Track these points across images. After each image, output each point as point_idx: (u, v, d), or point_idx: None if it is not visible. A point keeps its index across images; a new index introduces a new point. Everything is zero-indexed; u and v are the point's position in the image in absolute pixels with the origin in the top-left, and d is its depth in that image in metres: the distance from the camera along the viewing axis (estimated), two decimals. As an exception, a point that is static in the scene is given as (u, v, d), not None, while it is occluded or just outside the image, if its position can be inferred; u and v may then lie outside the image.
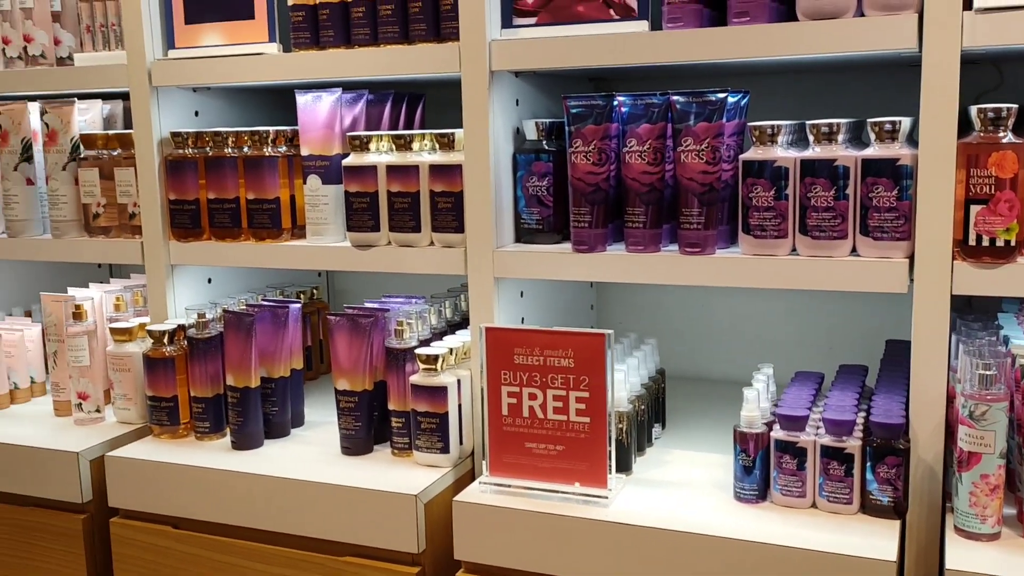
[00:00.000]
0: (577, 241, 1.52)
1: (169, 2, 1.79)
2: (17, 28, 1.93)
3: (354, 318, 1.65)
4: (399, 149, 1.64)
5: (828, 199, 1.35)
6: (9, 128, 1.93)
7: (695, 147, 1.42)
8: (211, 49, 1.77)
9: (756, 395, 1.40)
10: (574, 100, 1.51)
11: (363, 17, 1.65)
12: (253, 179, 1.74)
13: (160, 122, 1.81)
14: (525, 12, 1.56)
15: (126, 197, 1.85)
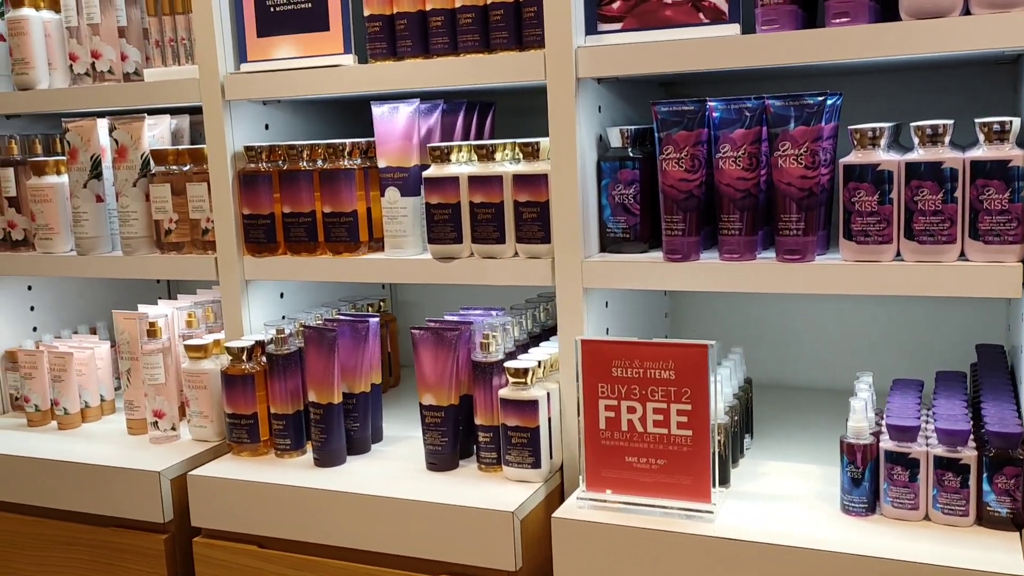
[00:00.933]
0: (670, 250, 1.49)
1: (241, 16, 1.78)
2: (84, 44, 1.92)
3: (439, 332, 1.63)
4: (481, 159, 1.62)
5: (936, 203, 1.31)
6: (78, 145, 1.92)
7: (793, 151, 1.39)
8: (284, 62, 1.75)
9: (863, 405, 1.36)
10: (664, 106, 1.48)
11: (442, 26, 1.63)
12: (329, 192, 1.72)
13: (233, 136, 1.80)
14: (610, 18, 1.53)
15: (199, 213, 1.84)
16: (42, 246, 1.99)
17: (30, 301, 2.18)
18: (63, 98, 1.93)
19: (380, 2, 1.67)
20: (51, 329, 2.20)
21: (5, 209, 2.04)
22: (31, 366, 1.98)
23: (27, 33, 1.93)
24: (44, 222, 1.97)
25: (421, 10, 1.65)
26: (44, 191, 1.96)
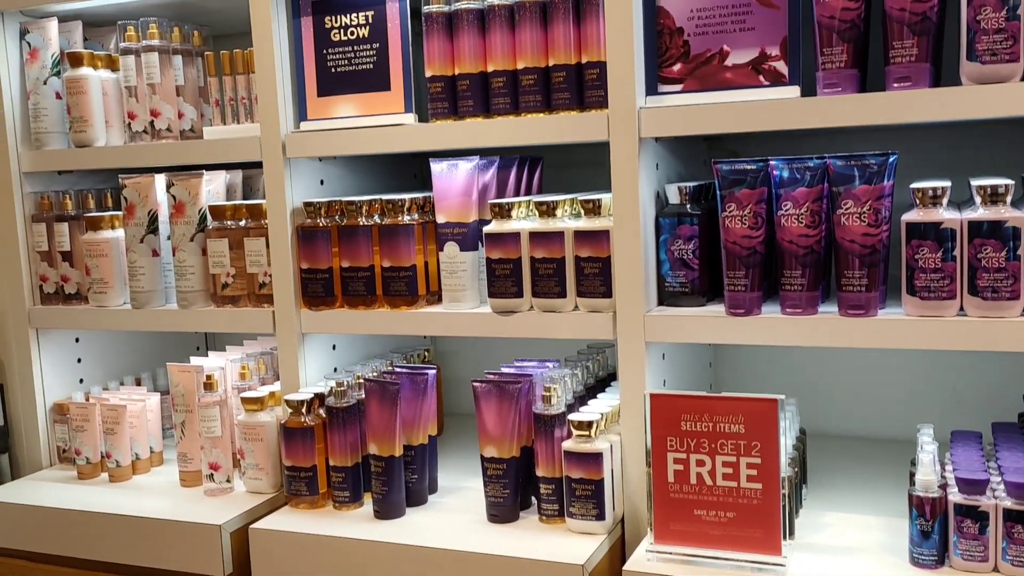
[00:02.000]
0: (733, 304, 1.53)
1: (302, 76, 1.83)
2: (143, 103, 1.96)
3: (502, 385, 1.65)
4: (542, 215, 1.66)
5: (1000, 260, 1.35)
6: (136, 201, 1.95)
7: (856, 210, 1.43)
8: (344, 120, 1.79)
9: (931, 458, 1.39)
10: (726, 165, 1.52)
11: (503, 87, 1.68)
12: (389, 247, 1.76)
13: (292, 192, 1.83)
14: (671, 80, 1.58)
15: (256, 267, 1.87)
16: (96, 299, 2.02)
17: (77, 353, 2.19)
18: (124, 155, 1.97)
19: (442, 63, 1.71)
20: (96, 380, 2.22)
21: (59, 263, 2.07)
22: (83, 419, 2.00)
23: (86, 92, 1.97)
24: (99, 276, 2.00)
25: (483, 71, 1.70)
26: (100, 245, 1.98)
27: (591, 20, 1.61)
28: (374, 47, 1.78)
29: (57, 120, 2.05)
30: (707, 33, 1.55)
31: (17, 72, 2.05)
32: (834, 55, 1.44)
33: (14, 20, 2.05)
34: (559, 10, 1.62)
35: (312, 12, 1.81)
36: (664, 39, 1.58)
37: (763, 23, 1.51)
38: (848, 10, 1.42)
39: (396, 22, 1.75)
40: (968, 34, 1.34)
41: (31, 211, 2.08)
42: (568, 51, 1.62)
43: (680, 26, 1.57)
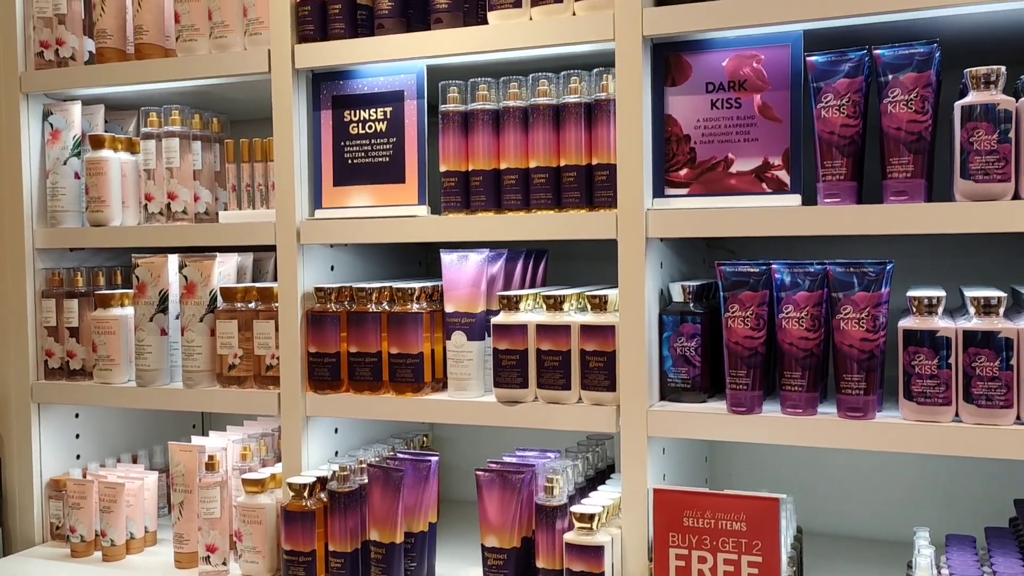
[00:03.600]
0: (735, 403, 1.57)
1: (319, 166, 1.89)
2: (161, 186, 2.01)
3: (505, 474, 1.67)
4: (550, 309, 1.70)
5: (993, 369, 1.41)
6: (147, 280, 1.98)
7: (855, 315, 1.49)
8: (359, 210, 1.85)
9: (928, 562, 1.42)
10: (729, 267, 1.58)
11: (515, 184, 1.74)
12: (396, 334, 1.79)
13: (304, 277, 1.88)
14: (677, 183, 1.65)
15: (264, 349, 1.90)
16: (100, 376, 2.03)
17: (76, 429, 2.19)
18: (139, 235, 2.01)
19: (456, 159, 1.78)
20: (94, 457, 2.22)
21: (65, 339, 2.09)
22: (80, 496, 1.99)
23: (105, 173, 2.03)
24: (106, 353, 2.02)
25: (496, 168, 1.76)
26: (108, 323, 2.01)
27: (602, 124, 1.68)
28: (391, 141, 1.84)
29: (74, 199, 2.10)
30: (713, 141, 1.63)
31: (38, 152, 2.11)
32: (834, 168, 1.51)
33: (38, 102, 2.11)
34: (571, 114, 1.70)
35: (332, 106, 1.88)
36: (672, 145, 1.65)
37: (767, 135, 1.59)
38: (847, 127, 1.51)
39: (414, 118, 1.83)
40: (962, 154, 1.42)
41: (41, 287, 2.11)
42: (579, 153, 1.70)
43: (687, 133, 1.65)
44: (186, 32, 1.94)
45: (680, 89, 1.65)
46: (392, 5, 1.80)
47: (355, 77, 1.87)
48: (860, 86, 1.51)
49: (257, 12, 1.88)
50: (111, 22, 2.02)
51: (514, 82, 1.76)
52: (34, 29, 2.07)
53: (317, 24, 1.84)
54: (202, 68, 1.92)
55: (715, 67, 1.62)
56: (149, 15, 1.98)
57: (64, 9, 2.04)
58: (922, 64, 1.46)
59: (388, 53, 1.78)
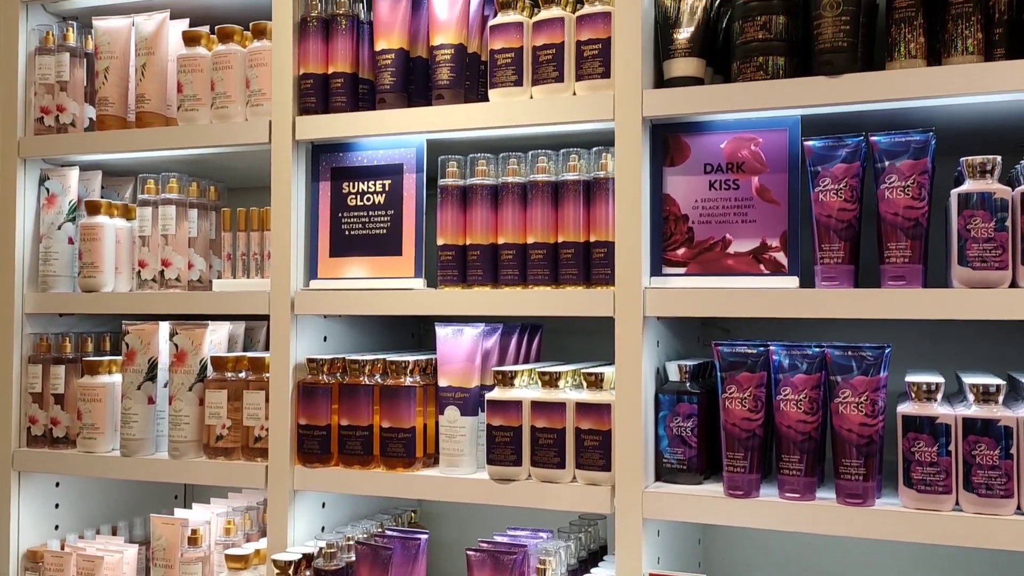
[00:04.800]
0: (732, 486, 1.55)
1: (315, 236, 1.89)
2: (155, 253, 2.00)
3: (497, 555, 1.63)
4: (545, 385, 1.69)
5: (993, 458, 1.39)
6: (137, 348, 1.96)
7: (854, 399, 1.48)
8: (354, 281, 1.84)
9: (931, 654, 1.38)
10: (726, 347, 1.58)
11: (513, 259, 1.74)
12: (389, 407, 1.77)
13: (296, 348, 1.86)
14: (675, 263, 1.65)
15: (253, 420, 1.87)
16: (84, 445, 1.99)
17: (56, 498, 2.14)
18: (132, 302, 1.99)
19: (454, 233, 1.78)
20: (72, 527, 2.16)
21: (50, 406, 2.05)
22: (57, 568, 1.93)
23: (99, 239, 2.02)
24: (91, 421, 1.98)
25: (494, 243, 1.76)
26: (95, 390, 1.98)
27: (600, 202, 1.69)
28: (389, 213, 1.85)
29: (66, 264, 2.08)
30: (711, 222, 1.64)
31: (32, 216, 2.10)
32: (832, 251, 1.52)
33: (36, 167, 2.11)
34: (570, 191, 1.71)
35: (331, 177, 1.89)
36: (670, 224, 1.66)
37: (764, 216, 1.60)
38: (845, 211, 1.52)
39: (412, 192, 1.83)
40: (959, 241, 1.43)
41: (29, 352, 2.08)
42: (577, 230, 1.70)
43: (685, 213, 1.65)
44: (188, 102, 1.95)
45: (679, 169, 1.66)
46: (394, 80, 1.82)
47: (355, 149, 1.88)
48: (857, 171, 1.52)
49: (260, 84, 1.89)
50: (113, 90, 2.03)
51: (513, 158, 1.77)
52: (35, 95, 2.08)
53: (319, 97, 1.86)
54: (203, 137, 1.93)
55: (713, 149, 1.64)
56: (152, 84, 2.00)
57: (67, 76, 2.06)
58: (918, 151, 1.47)
59: (389, 127, 1.80)
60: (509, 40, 1.72)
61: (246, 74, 1.91)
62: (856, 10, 1.50)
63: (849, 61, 1.49)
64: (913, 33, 1.47)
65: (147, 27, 2.01)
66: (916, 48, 1.47)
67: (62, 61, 2.06)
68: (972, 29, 1.44)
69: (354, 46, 1.86)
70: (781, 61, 1.55)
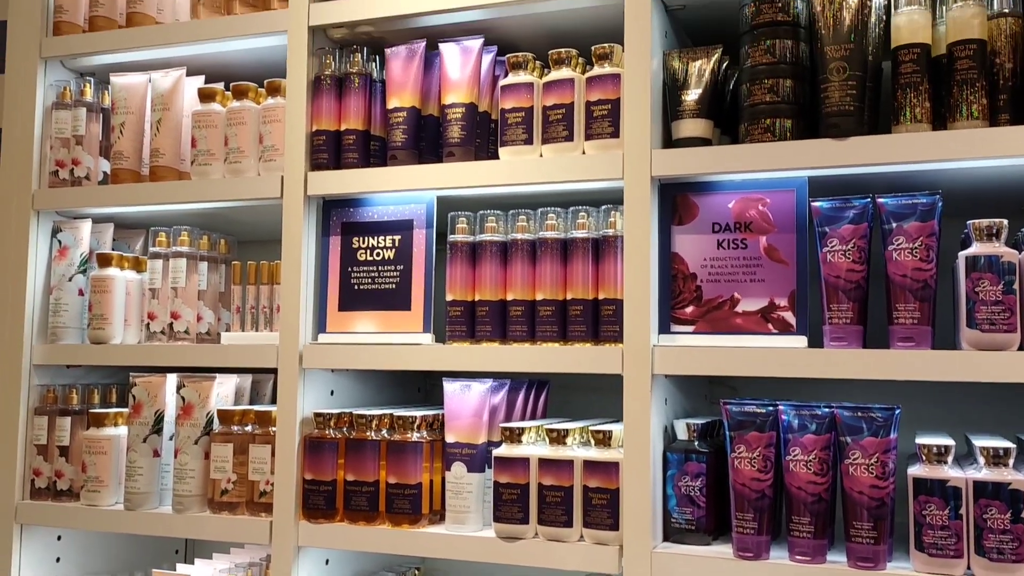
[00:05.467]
0: (741, 547, 1.53)
1: (325, 290, 1.90)
2: (165, 305, 2.01)
3: (503, 616, 1.61)
4: (553, 442, 1.68)
5: (1004, 522, 1.38)
6: (144, 400, 1.96)
7: (864, 461, 1.47)
8: (362, 336, 1.85)
9: None
10: (735, 406, 1.57)
11: (521, 316, 1.75)
12: (396, 463, 1.76)
13: (304, 402, 1.86)
14: (684, 320, 1.66)
15: (258, 474, 1.86)
16: (88, 498, 1.98)
17: (57, 552, 2.12)
18: (140, 354, 1.99)
19: (463, 289, 1.79)
20: (73, 581, 2.14)
21: (55, 458, 2.04)
22: (56, 624, 1.91)
23: (110, 291, 2.03)
24: (95, 474, 1.97)
25: (502, 299, 1.77)
26: (100, 443, 1.97)
27: (609, 259, 1.70)
28: (398, 268, 1.86)
29: (76, 316, 2.09)
30: (719, 280, 1.65)
31: (44, 267, 2.11)
32: (841, 311, 1.53)
33: (49, 219, 2.13)
34: (579, 248, 1.72)
35: (341, 232, 1.91)
36: (678, 283, 1.67)
37: (772, 276, 1.61)
38: (853, 271, 1.53)
39: (422, 247, 1.85)
40: (967, 303, 1.43)
41: (35, 403, 2.08)
42: (586, 287, 1.71)
43: (694, 272, 1.66)
44: (202, 156, 1.97)
45: (687, 228, 1.68)
46: (405, 138, 1.84)
47: (365, 205, 1.90)
48: (864, 232, 1.53)
49: (273, 140, 1.92)
50: (128, 145, 2.06)
51: (523, 215, 1.79)
52: (51, 148, 2.11)
53: (331, 153, 1.88)
54: (215, 192, 1.95)
55: (721, 208, 1.65)
56: (167, 139, 2.02)
57: (83, 130, 2.09)
58: (925, 214, 1.49)
59: (400, 184, 1.82)
60: (520, 100, 1.75)
61: (259, 130, 1.94)
62: (862, 75, 1.52)
63: (856, 124, 1.51)
64: (919, 98, 1.49)
65: (164, 83, 2.04)
66: (921, 112, 1.49)
67: (79, 116, 2.09)
68: (977, 95, 1.46)
69: (366, 104, 1.89)
70: (788, 123, 1.58)
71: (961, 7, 1.48)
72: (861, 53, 1.53)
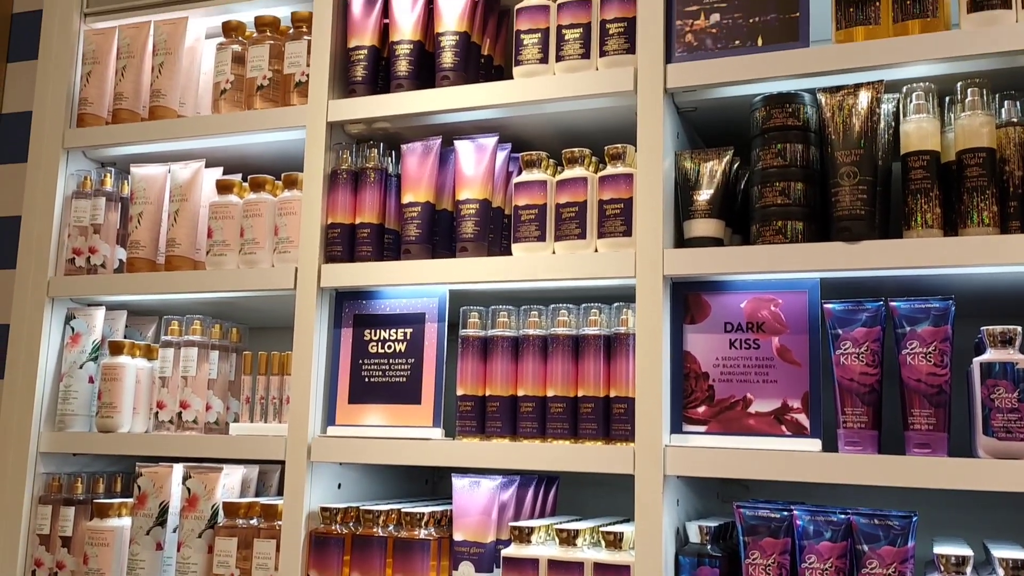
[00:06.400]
0: (756, 658, 1.49)
1: (335, 382, 1.89)
2: (174, 394, 2.01)
3: None
4: (563, 543, 1.65)
5: (1029, 636, 1.35)
6: (149, 491, 1.94)
7: (881, 570, 1.44)
8: (371, 429, 1.83)
9: None
10: (748, 510, 1.55)
11: (532, 412, 1.74)
12: (403, 562, 1.73)
13: (310, 496, 1.83)
14: (696, 420, 1.65)
15: (262, 571, 1.82)
16: (88, 590, 1.95)
17: (53, 644, 2.07)
18: (148, 443, 1.98)
19: (474, 384, 1.79)
20: (67, 676, 2.08)
21: (57, 549, 2.01)
22: None
23: (120, 380, 2.03)
24: (96, 566, 1.94)
25: (513, 395, 1.76)
26: (103, 534, 1.94)
27: (621, 357, 1.70)
28: (409, 362, 1.86)
29: (85, 403, 2.08)
30: (731, 381, 1.64)
31: (56, 354, 2.12)
32: (855, 415, 1.51)
33: (63, 306, 2.14)
34: (591, 345, 1.72)
35: (353, 324, 1.91)
36: (690, 382, 1.66)
37: (785, 377, 1.60)
38: (867, 375, 1.52)
39: (433, 340, 1.85)
40: (983, 410, 1.42)
41: (39, 492, 2.06)
42: (597, 384, 1.70)
43: (706, 371, 1.66)
44: (217, 247, 1.99)
45: (699, 327, 1.68)
46: (419, 232, 1.86)
47: (378, 297, 1.91)
48: (878, 335, 1.53)
49: (288, 232, 1.94)
50: (145, 234, 2.08)
51: (535, 311, 1.79)
52: (69, 236, 2.14)
53: (345, 246, 1.90)
54: (230, 282, 1.96)
55: (734, 308, 1.66)
56: (183, 229, 2.05)
57: (101, 219, 2.12)
58: (939, 319, 1.49)
59: (413, 277, 1.83)
60: (533, 197, 1.77)
61: (275, 222, 1.96)
62: (872, 179, 1.54)
63: (867, 228, 1.53)
64: (929, 204, 1.51)
65: (183, 175, 2.08)
66: (932, 218, 1.51)
67: (98, 205, 2.12)
68: (987, 202, 1.47)
69: (382, 198, 1.92)
70: (800, 226, 1.59)
71: (970, 116, 1.50)
72: (871, 158, 1.55)
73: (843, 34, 1.60)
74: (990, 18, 1.49)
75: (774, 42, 1.64)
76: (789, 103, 1.63)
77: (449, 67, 1.89)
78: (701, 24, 1.70)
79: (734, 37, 1.67)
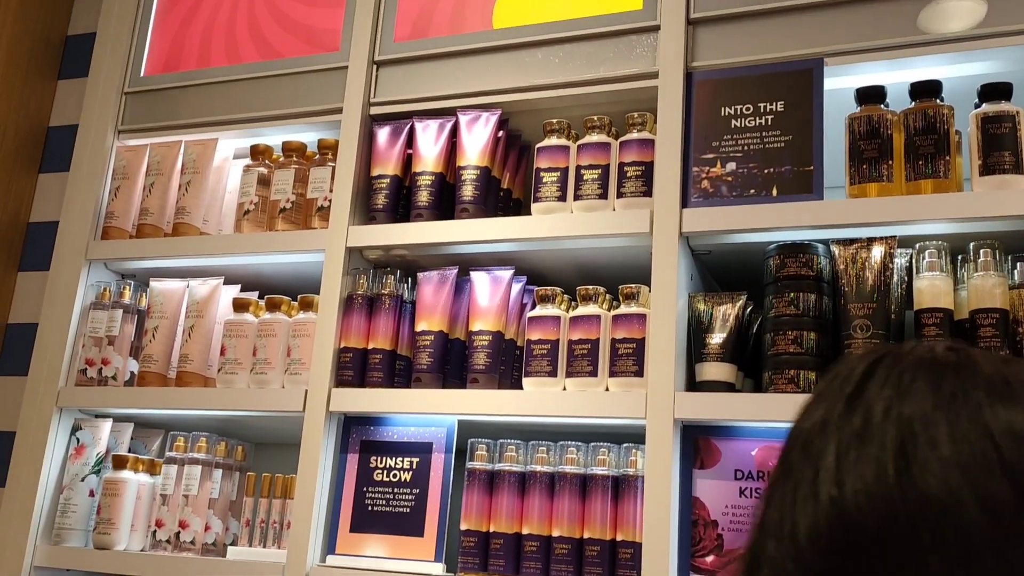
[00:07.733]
0: None
1: (338, 509, 1.86)
2: (174, 513, 1.98)
3: None
4: None
5: None
6: (141, 612, 1.89)
7: None
8: (373, 560, 1.80)
9: None
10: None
11: (536, 552, 1.70)
12: None
13: (305, 629, 1.79)
14: (703, 570, 1.61)
15: None
16: None
17: None
18: (144, 564, 1.94)
19: (478, 519, 1.76)
20: None
21: (41, 667, 1.96)
22: None
23: (121, 495, 2.00)
24: None
25: (517, 532, 1.73)
26: (90, 656, 1.89)
27: (628, 500, 1.67)
28: (414, 492, 1.83)
29: (83, 517, 2.05)
30: (741, 530, 1.61)
31: (59, 466, 2.10)
32: (867, 574, 1.47)
33: (70, 416, 2.14)
34: (598, 486, 1.70)
35: (360, 450, 1.90)
36: (699, 529, 1.63)
37: (796, 529, 1.57)
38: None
39: (439, 472, 1.83)
40: None
41: (28, 608, 2.02)
42: (604, 527, 1.67)
43: (715, 519, 1.63)
44: (229, 364, 2.00)
45: (709, 472, 1.66)
46: (431, 361, 1.86)
47: (386, 424, 1.90)
48: (891, 491, 1.50)
49: (300, 353, 1.95)
50: (159, 348, 2.09)
51: (543, 446, 1.78)
52: (83, 346, 2.15)
53: (356, 370, 1.90)
54: (239, 401, 1.96)
55: (744, 455, 1.64)
56: (197, 346, 2.06)
57: (116, 331, 2.13)
58: (953, 478, 1.46)
59: (423, 407, 1.83)
60: (546, 332, 1.78)
61: (288, 343, 1.97)
62: (885, 333, 1.55)
63: (880, 382, 1.52)
64: (942, 361, 1.51)
65: (201, 291, 2.10)
66: (946, 375, 1.50)
67: (114, 316, 2.14)
68: (1001, 364, 1.47)
69: (395, 324, 1.93)
70: (812, 376, 1.59)
71: (983, 276, 1.52)
72: (884, 312, 1.56)
73: (856, 189, 1.63)
74: (1001, 182, 1.53)
75: (788, 193, 1.67)
76: (803, 253, 1.65)
77: (469, 200, 1.93)
78: (717, 172, 1.74)
79: (749, 186, 1.70)
